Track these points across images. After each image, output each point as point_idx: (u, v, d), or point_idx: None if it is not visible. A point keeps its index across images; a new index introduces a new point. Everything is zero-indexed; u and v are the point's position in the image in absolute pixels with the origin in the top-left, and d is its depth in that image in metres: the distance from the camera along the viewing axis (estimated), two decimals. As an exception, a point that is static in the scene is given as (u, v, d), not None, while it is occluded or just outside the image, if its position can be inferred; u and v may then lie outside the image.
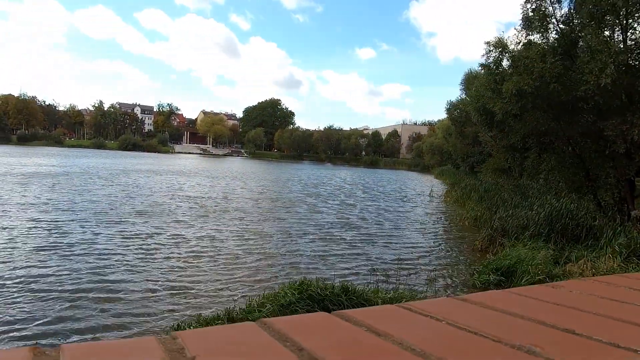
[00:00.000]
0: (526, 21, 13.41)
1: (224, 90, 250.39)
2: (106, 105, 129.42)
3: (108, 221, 13.86)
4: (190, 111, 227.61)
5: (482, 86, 15.04)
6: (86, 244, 10.68)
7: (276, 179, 40.78)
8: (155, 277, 8.72)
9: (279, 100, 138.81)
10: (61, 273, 8.44)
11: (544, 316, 0.78)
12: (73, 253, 9.91)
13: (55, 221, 13.43)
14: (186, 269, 9.33)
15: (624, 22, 11.71)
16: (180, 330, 4.78)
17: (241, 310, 5.78)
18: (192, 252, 10.73)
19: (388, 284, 7.99)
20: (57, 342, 5.74)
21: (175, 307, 7.10)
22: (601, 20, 11.56)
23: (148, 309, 7.10)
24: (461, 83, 33.86)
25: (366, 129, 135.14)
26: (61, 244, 10.51)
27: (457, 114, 36.08)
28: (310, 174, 53.21)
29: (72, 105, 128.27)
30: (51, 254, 9.73)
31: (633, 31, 11.88)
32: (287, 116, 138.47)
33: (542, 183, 18.65)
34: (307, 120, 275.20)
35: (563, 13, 13.44)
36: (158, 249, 10.83)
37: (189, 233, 13.01)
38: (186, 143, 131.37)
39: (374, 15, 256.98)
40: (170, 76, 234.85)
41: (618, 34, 12.02)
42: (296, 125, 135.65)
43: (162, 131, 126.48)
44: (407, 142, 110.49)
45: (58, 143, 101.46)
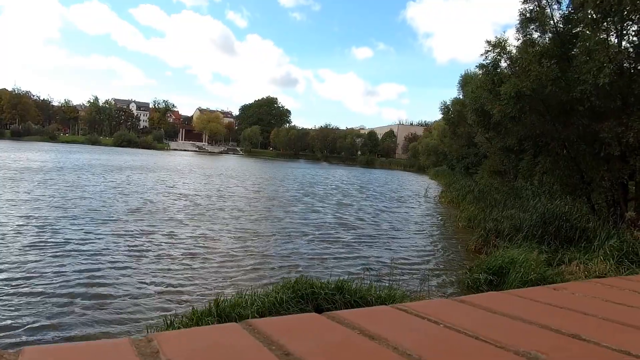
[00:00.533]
0: (524, 22, 13.41)
1: (220, 87, 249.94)
2: (101, 101, 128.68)
3: (99, 219, 13.71)
4: (186, 108, 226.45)
5: (480, 87, 15.03)
6: (76, 243, 10.52)
7: (272, 178, 40.69)
8: (146, 277, 8.63)
9: (276, 98, 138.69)
10: (49, 272, 8.32)
11: (548, 320, 0.74)
12: (63, 252, 9.78)
13: (45, 218, 13.29)
14: (179, 269, 9.25)
15: (619, 27, 11.75)
16: (164, 331, 4.73)
17: (229, 305, 5.70)
18: (186, 252, 10.62)
19: (382, 283, 7.96)
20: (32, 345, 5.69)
21: (166, 307, 7.03)
22: (600, 22, 11.59)
23: (137, 310, 7.02)
24: (459, 83, 33.86)
25: (362, 129, 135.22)
26: (51, 242, 10.36)
27: (451, 115, 36.14)
28: (306, 173, 53.14)
29: (67, 100, 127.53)
30: (40, 253, 9.60)
31: (628, 36, 11.93)
32: (284, 114, 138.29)
33: (537, 185, 18.71)
34: (304, 119, 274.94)
35: (562, 14, 13.44)
36: (150, 248, 10.71)
37: (183, 232, 12.90)
38: (182, 140, 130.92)
39: (371, 14, 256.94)
40: (165, 73, 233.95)
41: (613, 38, 12.07)
42: (292, 123, 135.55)
43: (158, 128, 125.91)
44: (403, 143, 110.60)
45: (52, 138, 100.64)
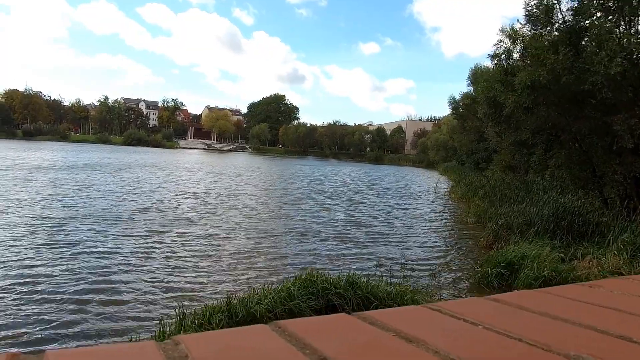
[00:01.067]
0: (530, 17, 13.19)
1: (228, 85, 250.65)
2: (111, 100, 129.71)
3: (110, 219, 13.75)
4: (194, 106, 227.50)
5: (492, 77, 14.79)
6: (87, 243, 10.54)
7: (281, 175, 40.72)
8: (157, 276, 8.68)
9: (284, 95, 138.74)
10: (60, 273, 8.37)
11: (591, 320, 0.71)
12: (74, 252, 9.82)
13: (56, 218, 13.39)
14: (190, 268, 9.25)
15: (627, 19, 11.56)
16: (182, 333, 4.75)
17: (240, 302, 5.71)
18: (197, 251, 10.60)
19: (393, 278, 7.94)
20: (56, 348, 5.75)
21: (178, 305, 7.07)
22: (609, 13, 11.41)
23: (150, 308, 7.08)
24: (468, 78, 33.52)
25: (371, 125, 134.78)
26: (61, 242, 10.41)
27: (460, 109, 35.86)
28: (315, 170, 53.12)
29: (77, 100, 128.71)
30: (51, 253, 9.66)
31: (637, 26, 11.72)
32: (292, 111, 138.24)
33: (548, 179, 18.50)
34: (312, 115, 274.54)
35: (570, 6, 13.19)
36: (161, 248, 10.73)
37: (193, 231, 12.92)
38: (191, 138, 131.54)
39: (378, 9, 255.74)
40: (173, 71, 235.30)
41: (622, 28, 11.85)
42: (301, 120, 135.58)
43: (167, 126, 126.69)
44: (412, 138, 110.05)
45: (63, 138, 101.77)
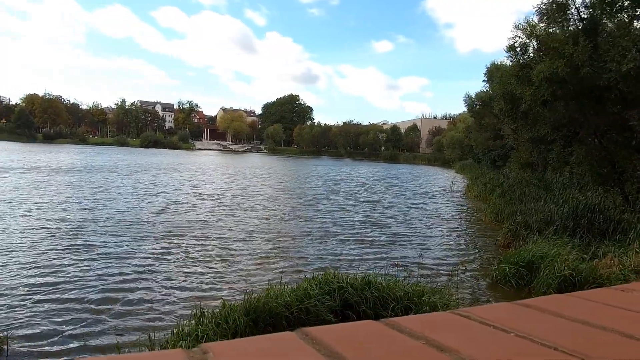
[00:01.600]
0: (543, 15, 12.95)
1: (242, 86, 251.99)
2: (128, 103, 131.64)
3: (127, 221, 13.93)
4: (209, 108, 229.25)
5: (508, 73, 14.59)
6: (104, 246, 10.66)
7: (297, 175, 40.78)
8: (175, 277, 8.79)
9: (297, 95, 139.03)
10: (79, 275, 8.53)
11: (629, 327, 0.66)
12: (92, 254, 9.97)
13: (73, 221, 13.64)
14: (207, 270, 9.29)
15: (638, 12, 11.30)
16: (209, 342, 4.77)
17: (257, 299, 5.72)
18: (213, 253, 10.65)
19: (410, 278, 7.88)
20: (77, 356, 5.86)
21: (195, 305, 7.14)
22: (621, 8, 11.18)
23: (168, 308, 7.18)
24: (485, 75, 33.03)
25: (385, 124, 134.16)
26: (80, 245, 10.56)
27: (476, 107, 35.40)
28: (330, 170, 53.11)
29: (96, 103, 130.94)
30: (70, 256, 9.84)
31: None
32: (306, 111, 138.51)
33: (567, 177, 18.14)
34: (326, 115, 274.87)
35: (585, 2, 12.89)
36: (178, 250, 10.81)
37: (210, 233, 12.99)
38: (206, 140, 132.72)
39: (390, 7, 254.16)
40: (188, 73, 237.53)
41: (636, 22, 11.58)
42: (315, 120, 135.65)
43: (183, 128, 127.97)
44: (427, 137, 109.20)
45: (82, 141, 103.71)
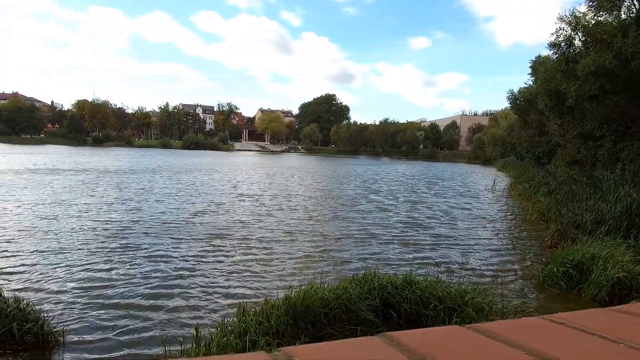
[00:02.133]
0: (592, 1, 12.33)
1: (279, 87, 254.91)
2: (170, 106, 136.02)
3: (168, 222, 14.29)
4: (247, 109, 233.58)
5: (552, 67, 14.03)
6: (147, 246, 10.97)
7: (334, 175, 40.80)
8: (217, 277, 9.00)
9: (334, 95, 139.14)
10: (125, 275, 8.87)
11: None
12: (136, 255, 10.35)
13: (117, 222, 14.21)
14: (247, 270, 9.43)
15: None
16: (252, 338, 4.83)
17: (296, 297, 5.77)
18: (253, 254, 10.77)
19: (452, 278, 7.73)
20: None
21: (239, 303, 7.30)
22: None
23: (211, 307, 7.39)
24: (530, 67, 31.88)
25: (423, 121, 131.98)
26: (124, 246, 10.94)
27: (520, 103, 34.21)
28: (368, 169, 52.82)
29: (140, 107, 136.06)
30: (115, 256, 10.27)
31: None
32: (343, 111, 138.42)
33: (619, 174, 17.22)
34: (363, 114, 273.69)
35: None
36: (219, 250, 11.01)
37: (249, 234, 13.15)
38: (245, 141, 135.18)
39: (426, 2, 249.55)
40: (226, 76, 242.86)
41: None
42: (352, 119, 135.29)
43: (223, 130, 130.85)
44: (467, 134, 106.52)
45: (128, 143, 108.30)
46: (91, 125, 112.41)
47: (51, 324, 5.89)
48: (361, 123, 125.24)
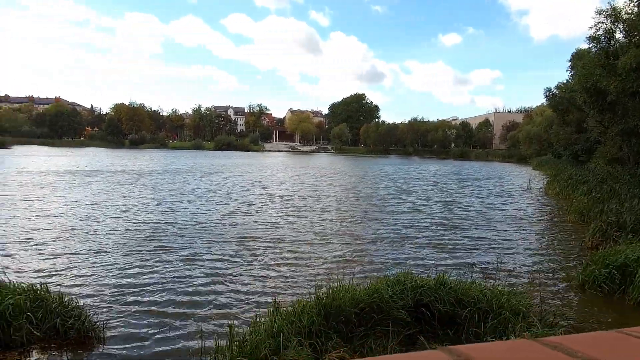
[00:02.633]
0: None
1: (308, 87, 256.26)
2: (203, 108, 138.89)
3: (202, 223, 14.56)
4: (277, 110, 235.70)
5: (591, 62, 13.43)
6: (181, 247, 11.14)
7: (365, 175, 40.58)
8: (250, 279, 9.10)
9: (364, 94, 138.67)
10: (160, 275, 9.14)
11: None
12: (170, 256, 10.61)
13: (153, 223, 14.61)
14: (279, 273, 9.50)
15: None
16: (284, 338, 4.84)
17: (327, 296, 5.77)
18: (283, 256, 10.77)
19: (487, 280, 7.54)
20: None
21: (272, 305, 7.38)
22: None
23: (244, 309, 7.50)
24: (569, 62, 30.72)
25: (455, 120, 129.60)
26: (158, 247, 11.18)
27: (559, 100, 33.02)
28: (398, 169, 52.30)
29: (174, 109, 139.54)
30: (150, 257, 10.57)
31: None
32: (372, 110, 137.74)
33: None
34: (393, 113, 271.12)
35: None
36: (251, 252, 11.11)
37: (280, 235, 13.23)
38: (275, 141, 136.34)
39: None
40: (256, 77, 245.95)
41: None
42: (381, 119, 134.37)
43: (253, 131, 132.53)
44: (501, 132, 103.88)
45: (163, 145, 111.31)
46: (128, 127, 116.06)
47: (92, 320, 6.12)
48: (391, 122, 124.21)
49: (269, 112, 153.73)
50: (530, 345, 0.62)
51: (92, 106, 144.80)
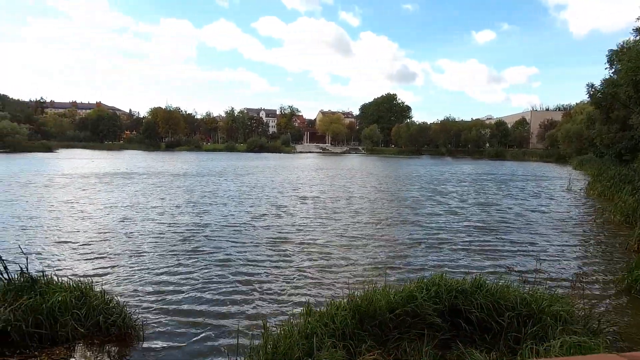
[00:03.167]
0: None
1: (338, 88, 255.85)
2: (236, 111, 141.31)
3: (234, 225, 14.68)
4: (308, 111, 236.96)
5: (638, 55, 12.80)
6: (214, 250, 11.27)
7: (397, 176, 40.16)
8: (282, 280, 9.17)
9: (395, 94, 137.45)
10: (194, 276, 9.31)
11: None
12: (204, 258, 10.79)
13: (187, 225, 14.95)
14: (312, 275, 9.52)
15: None
16: (317, 339, 4.84)
17: (362, 298, 5.74)
18: (314, 259, 10.75)
19: (525, 284, 7.28)
20: None
21: (305, 306, 7.40)
22: None
23: (277, 310, 7.56)
24: (607, 56, 29.37)
25: (489, 119, 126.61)
26: (192, 250, 11.35)
27: (602, 95, 31.61)
28: (431, 169, 51.51)
29: (208, 112, 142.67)
30: (184, 260, 10.79)
31: None
32: (404, 110, 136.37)
33: None
34: (424, 113, 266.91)
35: None
36: (283, 254, 11.15)
37: (313, 237, 13.25)
38: (306, 142, 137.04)
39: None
40: (287, 79, 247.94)
41: None
42: (413, 119, 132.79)
43: (285, 132, 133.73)
44: (538, 131, 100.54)
45: (197, 147, 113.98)
46: (164, 130, 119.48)
47: (132, 318, 6.32)
48: (422, 122, 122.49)
49: (300, 114, 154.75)
50: None
51: (131, 110, 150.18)
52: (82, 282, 6.60)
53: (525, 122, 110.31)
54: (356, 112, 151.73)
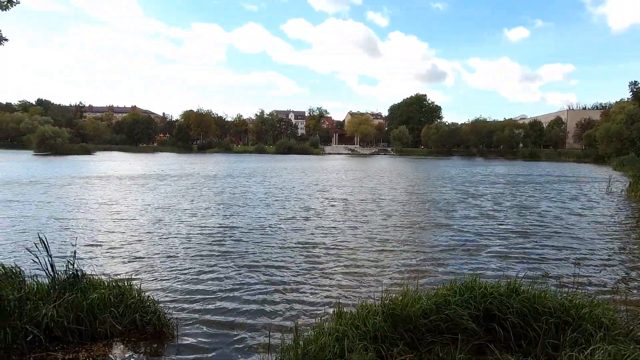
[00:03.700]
0: None
1: (367, 89, 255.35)
2: (265, 113, 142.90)
3: (263, 227, 14.76)
4: (336, 113, 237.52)
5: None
6: (245, 252, 11.33)
7: (428, 178, 39.58)
8: (312, 284, 9.21)
9: (424, 95, 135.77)
10: (226, 278, 9.45)
11: None
12: (234, 260, 11.02)
13: (217, 227, 15.18)
14: (342, 279, 9.48)
15: None
16: (348, 341, 4.78)
17: (394, 302, 5.68)
18: (347, 261, 10.71)
19: (563, 289, 7.03)
20: None
21: (336, 306, 7.39)
22: None
23: (308, 309, 7.59)
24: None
25: (523, 118, 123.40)
26: (223, 252, 11.46)
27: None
28: (462, 171, 50.56)
29: (238, 115, 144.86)
30: (216, 262, 11.02)
31: None
32: (434, 111, 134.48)
33: None
34: (455, 113, 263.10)
35: None
36: (313, 257, 11.12)
37: (342, 240, 13.17)
38: (335, 144, 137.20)
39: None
40: (315, 81, 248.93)
41: None
42: (443, 119, 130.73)
43: (314, 134, 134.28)
44: (575, 130, 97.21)
45: (228, 150, 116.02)
46: (196, 133, 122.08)
47: (166, 317, 6.47)
48: (452, 123, 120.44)
49: (329, 115, 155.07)
50: None
51: (164, 113, 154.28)
52: (120, 281, 6.80)
53: (561, 122, 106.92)
54: (385, 113, 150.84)
